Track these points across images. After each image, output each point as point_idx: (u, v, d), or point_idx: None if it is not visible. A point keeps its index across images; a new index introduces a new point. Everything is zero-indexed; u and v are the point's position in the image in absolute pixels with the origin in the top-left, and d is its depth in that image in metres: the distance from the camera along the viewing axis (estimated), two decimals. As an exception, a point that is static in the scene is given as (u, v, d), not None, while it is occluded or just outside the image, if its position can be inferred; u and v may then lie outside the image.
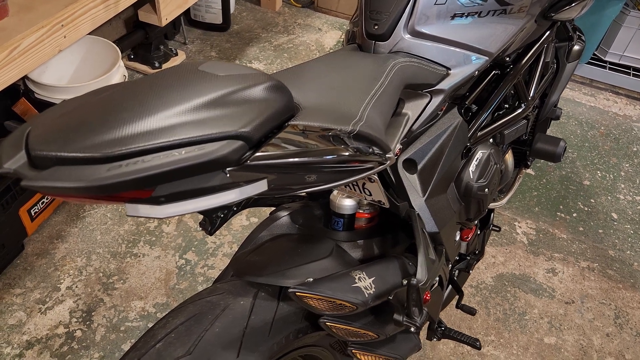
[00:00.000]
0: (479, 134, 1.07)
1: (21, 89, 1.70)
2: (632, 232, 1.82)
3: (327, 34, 2.61)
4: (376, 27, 0.90)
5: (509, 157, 1.32)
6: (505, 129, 1.12)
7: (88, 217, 1.67)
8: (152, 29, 2.10)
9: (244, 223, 1.70)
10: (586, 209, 1.89)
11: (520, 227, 1.80)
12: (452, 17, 0.91)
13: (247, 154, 0.54)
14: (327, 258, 0.88)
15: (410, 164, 0.97)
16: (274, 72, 0.83)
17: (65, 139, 0.50)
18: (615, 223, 1.85)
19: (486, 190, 1.08)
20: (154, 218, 0.59)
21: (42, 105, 1.69)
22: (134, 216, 0.49)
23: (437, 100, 0.95)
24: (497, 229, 1.32)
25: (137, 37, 2.14)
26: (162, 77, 0.60)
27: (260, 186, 0.57)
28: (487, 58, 0.96)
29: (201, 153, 0.50)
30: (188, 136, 0.51)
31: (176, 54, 2.31)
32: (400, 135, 0.89)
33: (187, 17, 2.46)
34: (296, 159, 0.58)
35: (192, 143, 0.51)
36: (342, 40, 2.58)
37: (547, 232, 1.79)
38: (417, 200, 0.96)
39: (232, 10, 2.58)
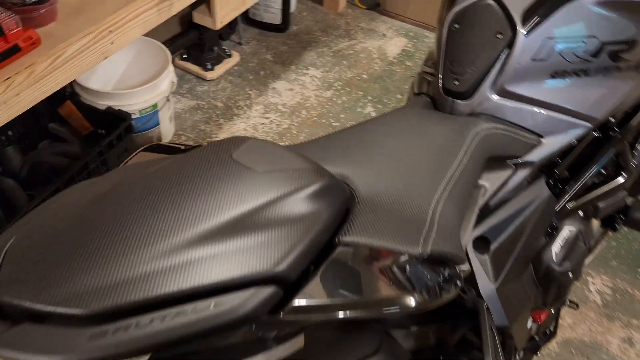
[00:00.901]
0: (568, 206, 0.89)
1: (67, 91, 1.64)
2: None
3: (391, 40, 2.43)
4: (457, 83, 0.74)
5: (596, 221, 1.13)
6: (601, 201, 0.94)
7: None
8: (207, 29, 1.99)
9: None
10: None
11: (594, 283, 1.59)
12: (552, 76, 0.74)
13: (282, 302, 0.41)
14: (377, 355, 0.74)
15: (481, 243, 0.81)
16: (331, 133, 0.69)
17: (40, 280, 0.37)
18: None
19: (570, 274, 0.90)
20: None
21: (88, 110, 1.61)
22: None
23: (522, 173, 0.79)
24: (575, 307, 1.14)
25: (191, 38, 2.04)
26: (182, 175, 0.47)
27: (296, 344, 0.44)
28: (589, 125, 0.79)
29: (216, 313, 0.37)
30: (201, 283, 0.38)
31: (230, 56, 2.20)
32: (473, 220, 0.73)
33: (245, 16, 2.34)
34: (346, 312, 0.44)
35: (207, 292, 0.38)
36: (407, 49, 2.39)
37: (626, 292, 1.58)
38: (487, 287, 0.80)
39: (292, 9, 2.44)
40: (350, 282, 0.45)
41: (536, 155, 0.77)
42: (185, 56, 2.15)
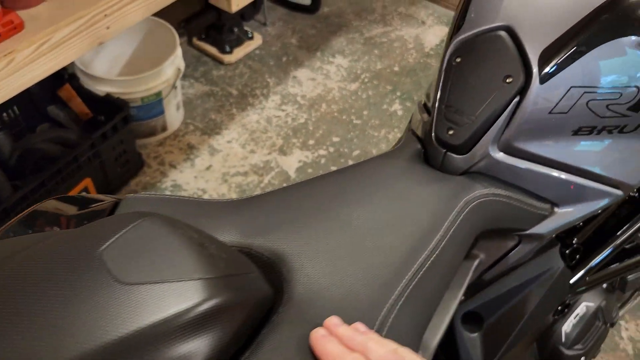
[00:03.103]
0: (588, 279, 0.73)
1: (67, 73, 1.54)
2: None
3: (430, 29, 2.22)
4: (452, 132, 0.58)
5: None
6: (631, 273, 0.76)
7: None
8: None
9: None
10: None
11: (627, 329, 1.40)
12: (576, 132, 0.57)
13: None
14: None
15: (472, 319, 0.67)
16: (293, 184, 0.56)
17: None
18: None
19: (583, 359, 0.74)
20: None
21: (87, 95, 1.52)
22: None
23: (527, 246, 0.63)
24: None
25: (208, 18, 1.90)
26: (33, 273, 0.35)
27: None
28: (620, 193, 0.62)
29: None
30: None
31: (251, 38, 2.06)
32: (459, 296, 0.59)
33: (272, -6, 2.18)
34: None
35: None
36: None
37: (663, 343, 1.38)
38: None
39: (325, -11, 2.26)
40: None
41: (547, 228, 0.61)
42: (203, 36, 2.02)
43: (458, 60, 0.58)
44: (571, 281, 0.70)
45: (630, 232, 0.70)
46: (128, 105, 1.47)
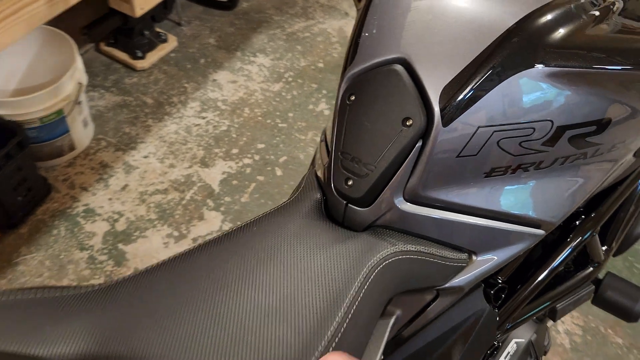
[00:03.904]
0: (516, 315, 0.68)
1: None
2: None
3: (354, 20, 2.15)
4: (350, 184, 0.51)
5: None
6: (561, 301, 0.72)
7: (22, 264, 1.36)
8: (132, 13, 1.70)
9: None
10: None
11: (563, 322, 1.40)
12: (488, 174, 0.51)
13: None
14: None
15: None
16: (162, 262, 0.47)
17: None
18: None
19: None
20: None
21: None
22: None
23: (447, 299, 0.57)
24: None
25: (113, 22, 1.75)
26: None
27: None
28: (542, 232, 0.56)
29: None
30: None
31: (165, 40, 1.92)
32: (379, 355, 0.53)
33: (186, -9, 2.04)
34: None
35: None
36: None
37: (598, 332, 1.39)
38: None
39: (242, -17, 2.14)
40: None
41: (466, 279, 0.55)
42: (112, 41, 1.86)
43: (352, 98, 0.50)
44: (499, 322, 0.64)
45: (557, 262, 0.65)
46: (21, 128, 1.32)
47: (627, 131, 0.56)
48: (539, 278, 0.65)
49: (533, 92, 0.47)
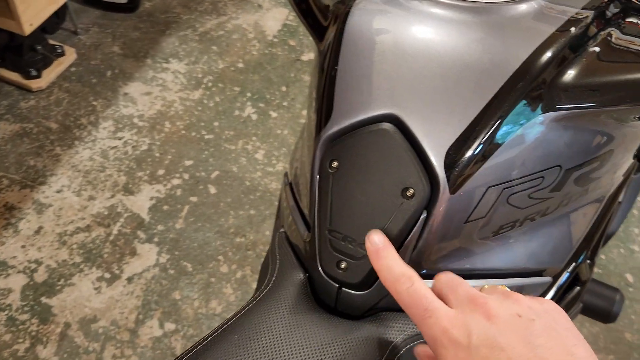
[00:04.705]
0: None
1: None
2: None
3: (269, 13, 2.03)
4: (344, 266, 0.43)
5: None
6: None
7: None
8: (19, 28, 1.48)
9: (155, 334, 1.24)
10: (598, 270, 1.52)
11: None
12: (496, 233, 0.44)
13: None
14: None
15: None
16: None
17: None
18: (631, 289, 1.49)
19: None
20: None
21: None
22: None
23: None
24: None
25: (-2, 41, 1.52)
26: None
27: None
28: (549, 279, 0.51)
29: None
30: None
31: (62, 53, 1.70)
32: None
33: (79, -5, 1.82)
34: None
35: None
36: (289, 22, 2.00)
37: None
38: None
39: (141, -19, 1.95)
40: None
41: None
42: (0, 61, 1.63)
43: (335, 165, 0.41)
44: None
45: (552, 293, 0.61)
46: None
47: (622, 155, 0.51)
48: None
49: (544, 139, 0.41)
